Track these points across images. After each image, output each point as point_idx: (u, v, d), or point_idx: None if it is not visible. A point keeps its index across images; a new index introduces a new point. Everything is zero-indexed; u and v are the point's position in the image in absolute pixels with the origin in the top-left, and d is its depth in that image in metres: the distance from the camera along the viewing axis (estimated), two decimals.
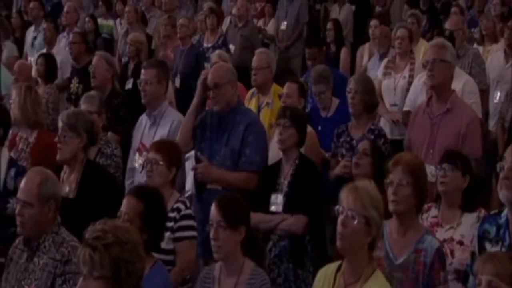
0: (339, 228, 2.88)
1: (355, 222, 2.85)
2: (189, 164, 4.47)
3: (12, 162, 4.22)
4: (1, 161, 4.20)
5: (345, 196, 2.91)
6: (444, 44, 4.73)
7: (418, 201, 3.36)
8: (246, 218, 3.38)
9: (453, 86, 4.80)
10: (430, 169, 3.98)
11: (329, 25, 8.62)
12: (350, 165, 4.58)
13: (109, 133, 5.48)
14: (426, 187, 3.43)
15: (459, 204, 3.88)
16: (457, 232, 3.82)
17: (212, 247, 3.29)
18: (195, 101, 4.61)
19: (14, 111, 4.97)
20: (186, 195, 4.45)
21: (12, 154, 4.70)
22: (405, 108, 5.66)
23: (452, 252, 3.76)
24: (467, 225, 3.81)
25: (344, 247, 2.88)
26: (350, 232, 2.85)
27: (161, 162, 3.98)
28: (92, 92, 5.33)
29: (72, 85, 6.93)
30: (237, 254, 3.30)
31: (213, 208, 3.33)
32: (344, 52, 8.28)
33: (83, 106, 5.06)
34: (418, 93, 5.60)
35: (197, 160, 4.43)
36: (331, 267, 3.03)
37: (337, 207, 2.90)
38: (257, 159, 4.43)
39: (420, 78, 5.69)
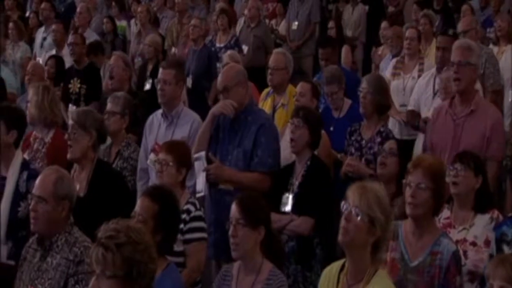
0: (342, 222, 2.86)
1: (359, 219, 2.82)
2: (198, 165, 4.48)
3: (24, 165, 4.23)
4: (14, 163, 4.21)
5: (351, 193, 2.88)
6: (470, 46, 4.63)
7: (435, 204, 3.31)
8: (266, 219, 3.37)
9: None
10: None
11: (331, 24, 8.62)
12: (354, 164, 4.57)
13: (129, 134, 5.51)
14: (445, 191, 3.40)
15: (472, 205, 3.84)
16: (470, 233, 3.78)
17: (231, 245, 3.29)
18: (214, 112, 4.55)
19: (31, 110, 4.99)
20: (198, 195, 4.45)
21: (26, 155, 4.73)
22: (409, 108, 5.62)
23: (465, 253, 3.73)
24: (480, 226, 3.78)
25: (346, 241, 2.85)
26: (353, 228, 2.83)
27: (171, 163, 3.98)
28: (119, 93, 5.35)
29: (71, 85, 6.93)
30: (256, 254, 3.30)
31: (234, 205, 3.33)
32: (345, 51, 8.27)
33: (108, 105, 5.10)
34: (422, 92, 5.56)
35: (209, 161, 4.43)
36: (335, 266, 3.01)
37: (342, 203, 2.88)
38: (269, 161, 4.43)
39: (424, 77, 5.67)
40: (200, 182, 4.47)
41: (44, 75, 6.75)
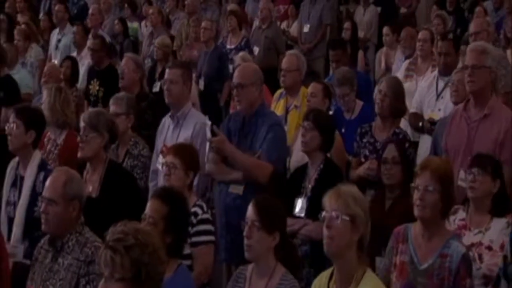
0: (324, 231, 2.88)
1: (339, 221, 2.84)
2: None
3: (42, 166, 4.26)
4: (32, 163, 4.24)
5: (327, 200, 2.91)
6: (484, 49, 4.53)
7: (444, 207, 3.29)
8: (281, 225, 3.34)
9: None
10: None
11: (347, 25, 8.60)
12: (375, 167, 4.52)
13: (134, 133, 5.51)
14: (453, 193, 3.37)
15: (488, 209, 3.80)
16: (486, 237, 3.75)
17: (244, 246, 3.27)
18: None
19: (44, 111, 5.03)
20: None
21: None
22: (412, 110, 5.54)
23: (480, 256, 3.70)
24: (496, 230, 3.74)
25: (332, 249, 2.86)
26: (336, 233, 2.84)
27: (178, 166, 3.98)
28: (121, 94, 5.35)
29: (91, 87, 6.98)
30: (269, 258, 3.28)
31: (251, 206, 3.31)
32: (360, 57, 8.27)
33: (111, 107, 5.10)
34: (424, 94, 5.52)
35: (213, 134, 4.43)
36: (324, 275, 3.01)
37: (321, 213, 2.91)
38: (273, 154, 4.41)
39: (427, 80, 5.63)
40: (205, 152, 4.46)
41: (61, 77, 6.79)
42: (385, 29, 8.16)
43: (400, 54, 7.52)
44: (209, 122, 4.46)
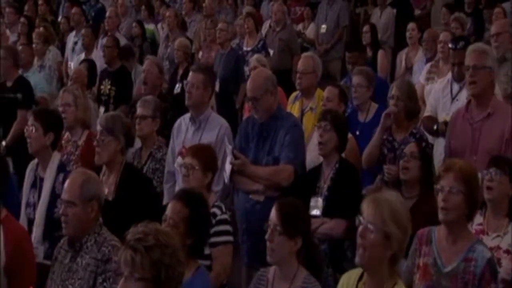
0: (358, 239, 2.83)
1: (373, 235, 2.79)
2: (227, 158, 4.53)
3: (61, 167, 4.31)
4: (51, 165, 4.28)
5: (366, 208, 2.84)
6: (484, 50, 4.60)
7: (469, 209, 3.25)
8: (304, 229, 3.33)
9: None
10: None
11: (366, 28, 8.59)
12: (393, 172, 4.49)
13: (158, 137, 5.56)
14: (478, 196, 3.33)
15: (506, 212, 3.77)
16: (504, 241, 3.71)
17: (267, 249, 3.27)
18: None
19: (73, 113, 5.06)
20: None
21: None
22: (426, 114, 5.50)
23: (498, 261, 3.65)
24: None
25: (363, 260, 2.81)
26: (369, 244, 2.79)
27: (197, 167, 4.00)
28: (148, 97, 5.39)
29: (103, 87, 7.02)
30: (291, 262, 3.27)
31: (274, 210, 3.30)
32: (381, 55, 8.23)
33: (138, 109, 5.14)
34: (439, 97, 5.49)
35: (235, 157, 4.46)
36: (354, 274, 2.98)
37: (357, 217, 2.86)
38: (291, 155, 4.42)
39: (441, 82, 5.61)
40: (227, 172, 4.48)
41: (86, 81, 6.87)
42: (411, 25, 8.05)
43: (422, 55, 7.45)
44: (230, 146, 4.49)
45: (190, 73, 5.07)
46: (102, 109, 6.93)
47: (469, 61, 4.51)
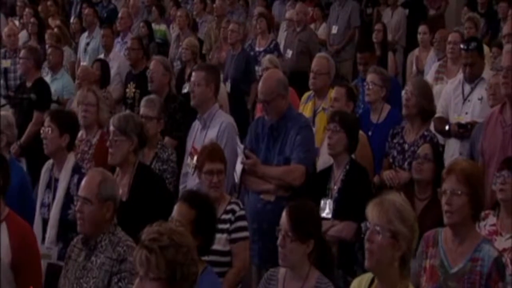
0: (366, 244, 2.80)
1: (380, 237, 2.76)
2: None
3: (76, 169, 4.34)
4: (66, 166, 4.31)
5: (370, 211, 2.82)
6: None
7: (474, 210, 3.23)
8: (316, 231, 3.32)
9: None
10: None
11: (378, 26, 8.57)
12: (391, 178, 4.53)
13: (166, 138, 5.54)
14: (483, 196, 3.31)
15: None
16: None
17: (279, 254, 3.27)
18: None
19: (96, 113, 5.12)
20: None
21: None
22: (437, 114, 5.45)
23: None
24: None
25: (372, 264, 2.78)
26: (377, 248, 2.76)
27: (223, 171, 4.06)
28: (152, 97, 5.38)
29: (128, 90, 7.06)
30: (303, 263, 3.28)
31: (284, 214, 3.29)
32: (390, 58, 8.23)
33: (142, 110, 5.14)
34: (450, 98, 5.47)
35: (246, 157, 4.49)
36: (365, 278, 2.96)
37: (363, 223, 2.84)
38: (302, 155, 4.44)
39: (452, 83, 5.59)
40: (237, 172, 4.51)
41: (94, 80, 6.90)
42: (422, 28, 8.04)
43: (433, 56, 7.43)
44: (242, 146, 4.50)
45: (193, 73, 5.07)
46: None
47: (504, 61, 4.52)
